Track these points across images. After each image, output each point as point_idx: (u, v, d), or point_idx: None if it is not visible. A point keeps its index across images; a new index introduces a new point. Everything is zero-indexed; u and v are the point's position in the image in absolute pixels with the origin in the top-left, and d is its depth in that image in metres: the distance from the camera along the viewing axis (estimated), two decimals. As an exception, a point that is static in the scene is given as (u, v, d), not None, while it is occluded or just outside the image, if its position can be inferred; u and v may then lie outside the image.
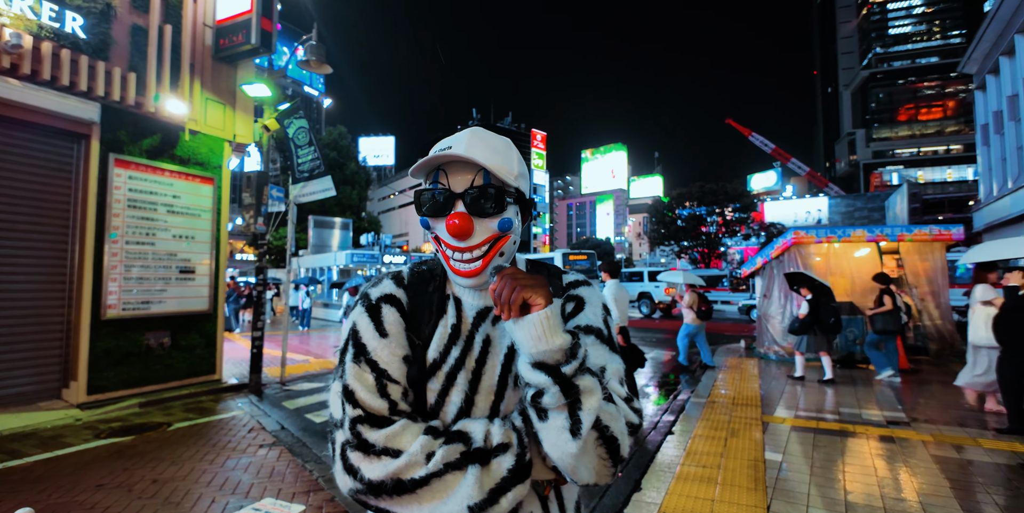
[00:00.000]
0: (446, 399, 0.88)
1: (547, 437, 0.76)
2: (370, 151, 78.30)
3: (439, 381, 0.88)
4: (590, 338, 0.90)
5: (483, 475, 0.77)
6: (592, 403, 0.74)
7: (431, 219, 0.91)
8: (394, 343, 0.89)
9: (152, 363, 6.41)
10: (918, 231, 8.57)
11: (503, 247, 0.90)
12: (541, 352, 0.73)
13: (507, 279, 0.76)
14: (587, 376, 0.75)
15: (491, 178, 0.88)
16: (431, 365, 0.89)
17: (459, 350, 0.90)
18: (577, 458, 0.74)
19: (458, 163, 0.89)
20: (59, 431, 4.95)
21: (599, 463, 0.76)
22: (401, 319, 0.92)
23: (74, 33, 5.71)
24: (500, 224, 0.88)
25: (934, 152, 61.04)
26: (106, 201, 6.03)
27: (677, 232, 41.03)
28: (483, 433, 0.81)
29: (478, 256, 0.87)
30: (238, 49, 6.99)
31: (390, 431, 0.80)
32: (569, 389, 0.73)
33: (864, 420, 5.10)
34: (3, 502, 3.30)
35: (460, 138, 0.90)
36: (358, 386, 0.84)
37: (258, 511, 3.20)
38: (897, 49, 66.97)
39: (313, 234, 26.32)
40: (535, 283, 0.76)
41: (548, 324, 0.73)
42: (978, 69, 21.76)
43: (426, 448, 0.78)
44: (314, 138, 7.17)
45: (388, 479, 0.77)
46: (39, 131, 5.74)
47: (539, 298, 0.74)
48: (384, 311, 0.92)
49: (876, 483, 3.54)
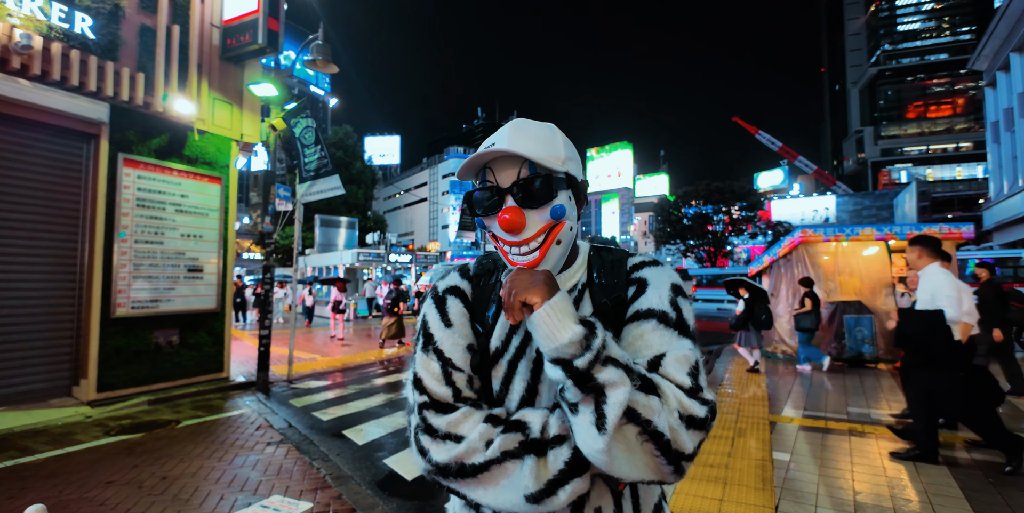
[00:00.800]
0: (509, 387, 0.90)
1: (577, 432, 0.74)
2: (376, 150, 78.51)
3: (501, 369, 0.91)
4: (650, 323, 0.85)
5: (539, 466, 0.77)
6: (617, 397, 0.70)
7: (485, 218, 0.91)
8: (458, 333, 0.92)
9: (161, 361, 6.46)
10: (928, 229, 8.49)
11: (559, 234, 0.87)
12: (552, 348, 0.73)
13: (507, 283, 0.78)
14: (610, 368, 0.72)
15: (536, 167, 0.87)
16: (493, 353, 0.91)
17: (520, 339, 0.91)
18: (608, 453, 0.71)
19: (503, 158, 0.88)
20: (70, 428, 4.99)
21: (650, 459, 0.73)
22: (465, 309, 0.95)
23: (83, 34, 5.75)
24: (552, 212, 0.86)
25: (943, 150, 60.50)
26: (115, 200, 6.07)
27: (683, 231, 40.85)
28: (540, 424, 0.80)
29: (535, 248, 0.86)
30: (245, 49, 7.02)
31: (452, 418, 0.84)
32: (585, 382, 0.71)
33: (873, 420, 5.07)
34: (15, 498, 3.33)
35: (501, 134, 0.89)
36: (425, 374, 0.89)
37: (266, 508, 3.22)
38: (906, 46, 66.39)
39: (319, 233, 26.42)
40: (531, 283, 0.76)
41: (551, 320, 0.73)
42: (988, 66, 21.53)
43: (484, 436, 0.80)
44: (320, 137, 7.20)
45: (452, 462, 0.80)
46: (49, 131, 5.79)
47: (534, 297, 0.75)
48: (449, 302, 0.95)
49: (885, 483, 3.52)
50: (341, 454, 4.41)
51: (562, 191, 0.88)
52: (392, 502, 3.44)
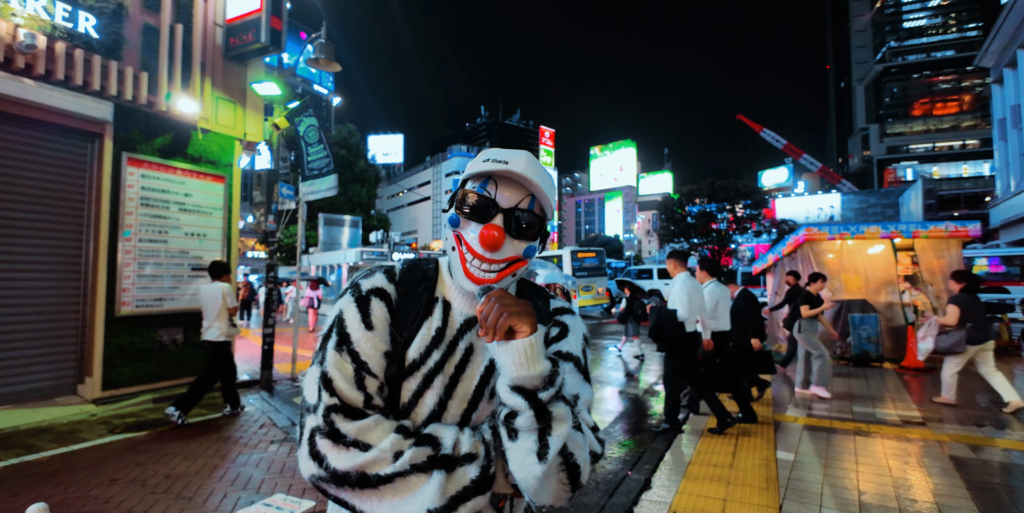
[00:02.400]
0: (420, 400, 0.88)
1: (514, 457, 0.78)
2: (379, 149, 78.60)
3: (416, 381, 0.88)
4: (568, 365, 0.94)
5: (447, 482, 0.78)
6: (562, 430, 0.77)
7: (464, 219, 0.91)
8: (378, 337, 0.89)
9: (165, 359, 6.48)
10: (934, 228, 8.44)
11: (518, 270, 0.92)
12: (522, 377, 0.76)
13: (495, 302, 0.77)
14: (561, 404, 0.78)
15: (535, 205, 0.91)
16: (410, 364, 0.89)
17: (440, 354, 0.90)
18: (540, 481, 0.77)
19: (510, 180, 0.90)
20: (74, 426, 5.02)
21: (559, 487, 0.80)
22: (388, 314, 0.91)
23: (87, 33, 5.76)
24: (527, 249, 0.91)
25: (949, 147, 60.07)
26: (119, 199, 6.09)
27: (687, 229, 40.73)
28: (452, 440, 0.82)
29: (495, 270, 0.88)
30: (248, 48, 7.02)
31: (363, 424, 0.81)
32: (543, 415, 0.76)
33: (878, 419, 5.05)
34: (19, 496, 3.35)
35: (518, 157, 0.89)
36: (337, 374, 0.85)
37: (269, 507, 3.23)
38: (912, 43, 65.92)
39: (323, 232, 26.46)
40: (522, 310, 0.78)
41: (531, 352, 0.76)
42: (995, 63, 21.38)
43: (395, 446, 0.79)
44: (323, 136, 7.20)
45: (353, 471, 0.77)
46: (54, 130, 5.80)
47: (525, 325, 0.77)
48: (372, 304, 0.91)
49: (891, 483, 3.50)
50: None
51: (539, 236, 0.93)
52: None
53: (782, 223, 38.87)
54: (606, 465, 3.99)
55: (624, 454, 4.26)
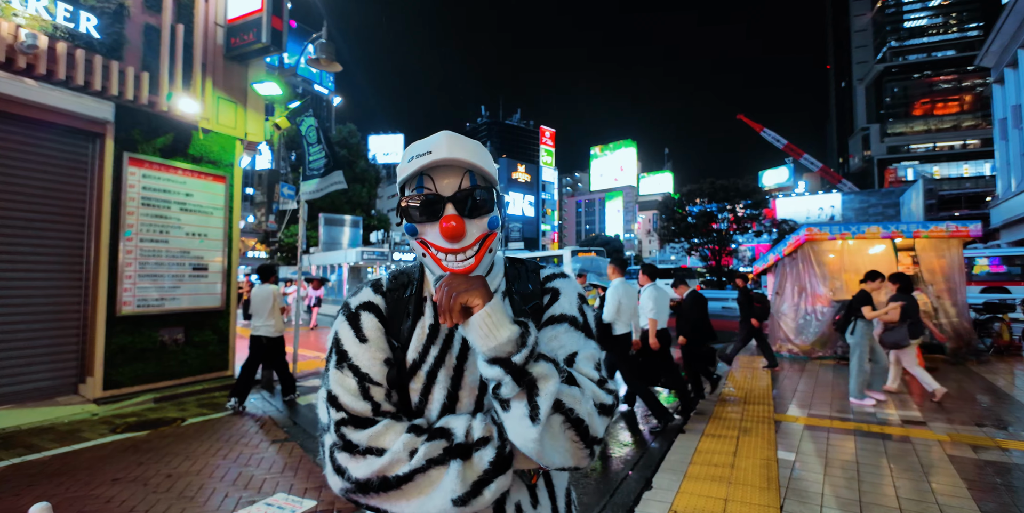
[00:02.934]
0: (429, 397, 0.91)
1: (510, 426, 0.78)
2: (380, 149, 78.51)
3: (420, 380, 0.91)
4: (563, 326, 0.93)
5: (465, 469, 0.79)
6: (549, 388, 0.76)
7: (419, 224, 0.91)
8: (374, 347, 0.92)
9: (166, 359, 6.48)
10: (934, 227, 8.43)
11: (492, 243, 0.92)
12: (491, 348, 0.76)
13: (444, 287, 0.80)
14: (541, 362, 0.78)
15: (476, 179, 0.90)
16: (411, 366, 0.92)
17: (438, 349, 0.92)
18: (540, 442, 0.75)
19: (442, 167, 0.89)
20: (76, 426, 5.02)
21: (571, 445, 0.78)
22: (379, 324, 0.95)
23: (88, 33, 5.77)
24: (490, 223, 0.90)
25: (950, 147, 60.01)
26: (120, 199, 6.09)
27: (687, 229, 40.69)
28: (464, 428, 0.83)
29: (471, 255, 0.88)
30: (249, 48, 7.02)
31: (373, 431, 0.84)
32: (522, 377, 0.75)
33: (879, 419, 5.05)
34: (21, 495, 3.35)
35: (438, 142, 0.90)
36: (340, 390, 0.88)
37: (270, 506, 3.23)
38: (912, 42, 65.86)
39: (323, 231, 26.44)
40: (469, 286, 0.79)
41: (491, 321, 0.77)
42: (996, 62, 21.36)
43: (408, 445, 0.81)
44: (323, 136, 7.20)
45: (374, 477, 0.80)
46: (55, 130, 5.81)
47: (475, 299, 0.78)
48: (363, 318, 0.95)
49: (891, 483, 3.50)
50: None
51: (495, 205, 0.93)
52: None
53: (783, 223, 38.86)
54: (607, 465, 4.00)
55: (625, 454, 4.26)
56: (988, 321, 9.21)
